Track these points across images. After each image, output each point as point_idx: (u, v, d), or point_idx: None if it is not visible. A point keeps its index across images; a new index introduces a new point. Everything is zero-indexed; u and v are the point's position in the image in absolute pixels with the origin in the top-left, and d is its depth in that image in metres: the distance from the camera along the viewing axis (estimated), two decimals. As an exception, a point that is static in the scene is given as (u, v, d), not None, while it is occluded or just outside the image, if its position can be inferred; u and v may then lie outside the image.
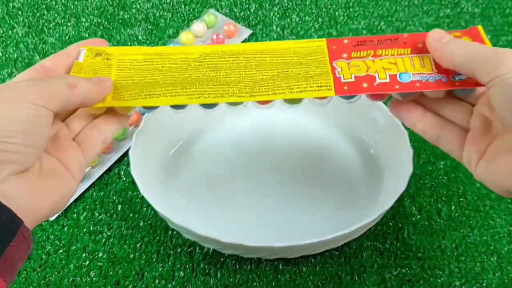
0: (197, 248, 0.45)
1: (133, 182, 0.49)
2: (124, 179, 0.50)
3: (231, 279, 0.43)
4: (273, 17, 0.65)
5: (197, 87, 0.34)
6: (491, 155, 0.31)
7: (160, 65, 0.35)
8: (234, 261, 0.44)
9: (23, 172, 0.28)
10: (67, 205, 0.47)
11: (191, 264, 0.44)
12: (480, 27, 0.34)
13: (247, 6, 0.66)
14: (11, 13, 0.66)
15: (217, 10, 0.65)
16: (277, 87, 0.34)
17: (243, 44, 0.36)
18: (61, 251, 0.45)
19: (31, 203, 0.28)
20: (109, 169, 0.50)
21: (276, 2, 0.66)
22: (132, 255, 0.44)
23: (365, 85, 0.33)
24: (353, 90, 0.33)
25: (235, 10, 0.66)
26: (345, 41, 0.35)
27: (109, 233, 0.46)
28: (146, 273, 0.43)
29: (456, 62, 0.31)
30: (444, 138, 0.34)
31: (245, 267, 0.44)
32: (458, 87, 0.33)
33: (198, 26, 0.61)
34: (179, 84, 0.34)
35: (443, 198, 0.47)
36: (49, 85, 0.30)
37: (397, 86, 0.33)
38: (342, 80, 0.33)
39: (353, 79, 0.33)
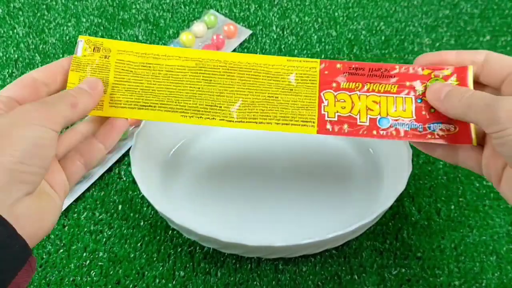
0: (198, 247, 0.45)
1: (133, 182, 0.49)
2: (125, 179, 0.50)
3: (232, 278, 0.43)
4: (273, 17, 0.65)
5: (191, 105, 0.35)
6: (508, 177, 0.31)
7: (157, 71, 0.36)
8: (234, 261, 0.44)
9: (31, 193, 0.29)
10: (66, 206, 0.48)
11: (191, 264, 0.44)
12: (470, 68, 0.35)
13: (247, 6, 0.66)
14: (12, 13, 0.66)
15: (217, 11, 0.65)
16: (265, 116, 0.35)
17: (238, 56, 0.37)
18: (61, 250, 0.45)
19: (35, 225, 0.29)
20: (110, 169, 0.50)
21: (275, 2, 0.67)
22: (132, 255, 0.45)
23: (345, 126, 0.35)
24: (334, 131, 0.35)
25: (235, 10, 0.66)
26: (338, 65, 0.37)
27: (109, 233, 0.46)
28: (146, 273, 0.43)
29: (457, 116, 0.32)
30: (462, 160, 0.35)
31: (245, 267, 0.44)
32: (429, 141, 0.35)
33: (198, 27, 0.61)
34: (174, 98, 0.35)
35: (443, 198, 0.48)
36: (53, 107, 0.30)
37: (374, 132, 0.35)
38: (326, 118, 0.35)
39: (336, 118, 0.35)
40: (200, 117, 0.35)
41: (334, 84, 0.36)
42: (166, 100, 0.35)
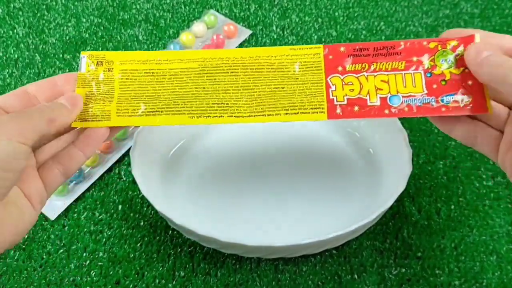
0: (198, 247, 0.45)
1: (133, 182, 0.49)
2: (125, 179, 0.50)
3: (231, 279, 0.43)
4: (273, 17, 0.65)
5: (198, 106, 0.35)
6: None
7: (161, 76, 0.36)
8: (234, 261, 0.44)
9: None
10: (66, 206, 0.48)
11: (191, 264, 0.44)
12: (477, 36, 0.34)
13: (247, 6, 0.66)
14: (12, 14, 0.66)
15: (217, 11, 0.65)
16: (273, 107, 0.35)
17: (240, 51, 0.37)
18: (61, 250, 0.45)
19: None
20: (110, 169, 0.50)
21: (276, 2, 0.67)
22: (132, 255, 0.45)
23: (356, 108, 0.35)
24: (345, 114, 0.35)
25: (235, 10, 0.66)
26: (342, 48, 0.36)
27: (109, 233, 0.46)
28: (146, 273, 0.43)
29: (492, 81, 0.31)
30: (480, 143, 0.34)
31: (245, 267, 0.44)
32: (443, 114, 0.34)
33: (198, 27, 0.61)
34: (180, 101, 0.36)
35: (443, 198, 0.48)
36: (28, 120, 0.30)
37: (386, 111, 0.35)
38: (335, 102, 0.35)
39: (345, 102, 0.35)
40: (208, 116, 0.35)
41: (340, 68, 0.36)
42: (172, 104, 0.35)
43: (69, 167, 0.34)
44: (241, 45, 0.62)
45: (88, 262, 0.44)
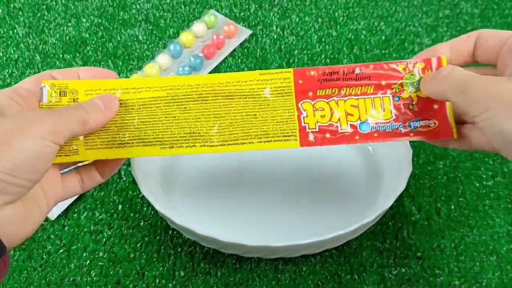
0: (198, 247, 0.45)
1: (133, 182, 0.49)
2: (125, 178, 0.50)
3: (231, 278, 0.43)
4: (273, 17, 0.65)
5: (169, 136, 0.35)
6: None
7: (130, 106, 0.35)
8: (234, 261, 0.44)
9: (13, 202, 0.28)
10: (66, 206, 0.48)
11: (191, 264, 0.44)
12: (444, 58, 0.34)
13: (247, 6, 0.66)
14: (12, 14, 0.66)
15: (217, 11, 0.65)
16: (246, 136, 0.35)
17: (209, 78, 0.36)
18: (61, 250, 0.45)
19: (15, 230, 0.28)
20: (110, 169, 0.50)
21: (276, 2, 0.67)
22: (132, 255, 0.45)
23: (328, 135, 0.35)
24: (317, 141, 0.35)
25: (235, 10, 0.66)
26: (312, 72, 0.36)
27: (109, 233, 0.46)
28: (146, 273, 0.44)
29: (438, 96, 0.32)
30: (475, 144, 0.34)
31: (245, 267, 0.44)
32: (411, 139, 0.35)
33: (198, 27, 0.61)
34: (150, 131, 0.35)
35: (442, 198, 0.48)
36: (62, 119, 0.29)
37: (357, 137, 0.35)
38: (307, 130, 0.35)
39: (317, 129, 0.35)
40: (181, 146, 0.35)
41: (310, 93, 0.35)
42: (143, 135, 0.35)
43: (88, 184, 0.35)
44: (241, 45, 0.62)
45: (88, 262, 0.44)
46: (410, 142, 0.44)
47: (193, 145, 0.35)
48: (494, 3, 0.66)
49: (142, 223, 0.47)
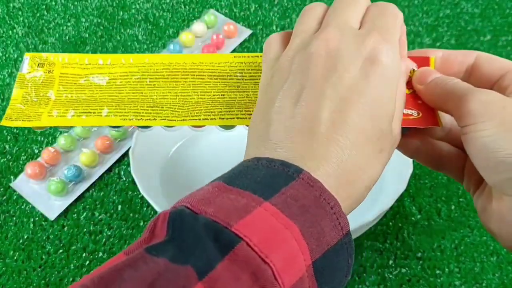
0: (197, 248, 0.45)
1: (133, 182, 0.49)
2: (124, 179, 0.50)
3: (231, 279, 0.43)
4: (273, 17, 0.65)
5: (131, 108, 0.34)
6: (487, 193, 0.30)
7: (102, 80, 0.36)
8: (234, 261, 0.44)
9: None
10: (65, 206, 0.47)
11: (191, 264, 0.44)
12: (432, 59, 0.33)
13: (247, 6, 0.66)
14: (11, 13, 0.66)
15: (217, 10, 0.65)
16: (209, 112, 0.34)
17: (182, 57, 0.36)
18: (61, 251, 0.45)
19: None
20: (109, 169, 0.50)
21: (276, 2, 0.66)
22: (132, 255, 0.44)
23: None
24: None
25: (235, 10, 0.66)
26: None
27: (109, 233, 0.46)
28: (146, 273, 0.43)
29: (436, 104, 0.31)
30: (445, 165, 0.33)
31: (245, 267, 0.44)
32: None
33: (198, 26, 0.61)
34: (115, 104, 0.35)
35: (443, 198, 0.48)
36: None
37: None
38: None
39: None
40: (141, 118, 0.34)
41: None
42: (106, 106, 0.35)
43: None
44: (241, 45, 0.62)
45: (87, 262, 0.44)
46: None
47: (154, 118, 0.34)
48: (495, 3, 0.65)
49: (141, 223, 0.46)
